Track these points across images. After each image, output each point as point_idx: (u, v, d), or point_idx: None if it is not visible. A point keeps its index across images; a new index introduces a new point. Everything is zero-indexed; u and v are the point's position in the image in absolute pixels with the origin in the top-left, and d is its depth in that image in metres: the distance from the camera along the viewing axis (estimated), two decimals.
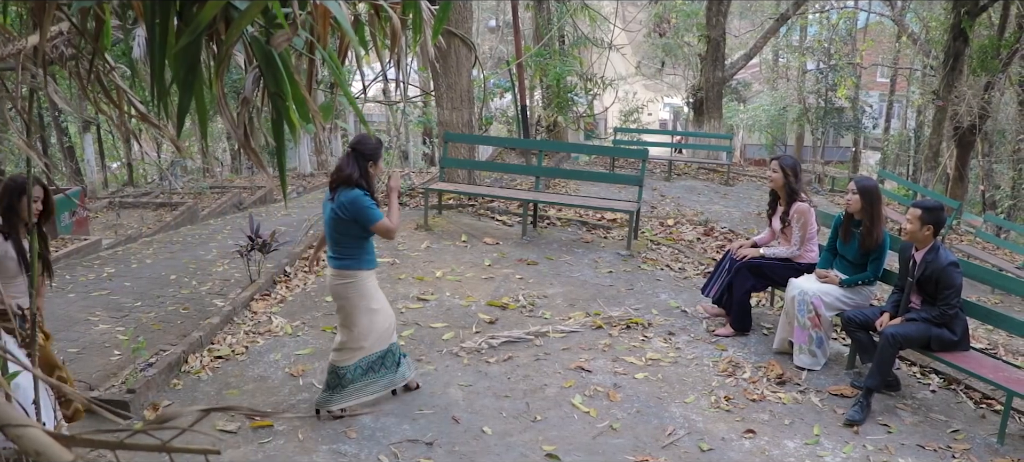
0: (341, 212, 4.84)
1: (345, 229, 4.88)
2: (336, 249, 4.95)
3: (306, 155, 23.44)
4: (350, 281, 4.93)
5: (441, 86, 10.92)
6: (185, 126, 15.02)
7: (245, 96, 2.56)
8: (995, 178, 20.33)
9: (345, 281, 4.94)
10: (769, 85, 31.67)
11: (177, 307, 7.28)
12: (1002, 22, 15.38)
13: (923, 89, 22.51)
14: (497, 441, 4.85)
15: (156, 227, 13.45)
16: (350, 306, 4.97)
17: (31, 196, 3.27)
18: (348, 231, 4.88)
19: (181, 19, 2.41)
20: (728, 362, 6.01)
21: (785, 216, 6.36)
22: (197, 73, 2.45)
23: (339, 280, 4.95)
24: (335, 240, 4.95)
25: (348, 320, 5.00)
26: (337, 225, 4.89)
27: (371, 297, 5.02)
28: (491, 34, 26.70)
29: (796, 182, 6.31)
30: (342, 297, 4.98)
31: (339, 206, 4.85)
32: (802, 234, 6.28)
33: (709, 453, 4.76)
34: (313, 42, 2.65)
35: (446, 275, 7.88)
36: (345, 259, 4.93)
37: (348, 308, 4.98)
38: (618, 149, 15.31)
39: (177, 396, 5.47)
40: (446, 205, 10.43)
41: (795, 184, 6.30)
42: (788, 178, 6.31)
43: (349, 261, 4.93)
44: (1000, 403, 5.27)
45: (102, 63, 3.52)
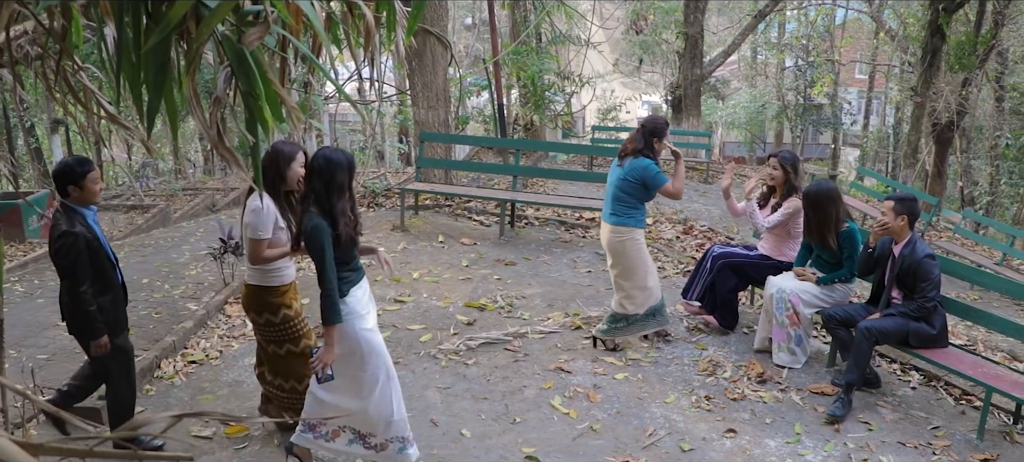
0: (630, 176, 5.78)
1: (631, 189, 5.79)
2: (615, 207, 5.87)
3: None
4: (626, 237, 5.84)
5: (417, 85, 10.84)
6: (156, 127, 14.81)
7: (217, 95, 2.49)
8: (973, 174, 20.56)
9: (621, 237, 5.85)
10: (748, 82, 31.87)
11: (149, 311, 7.15)
12: (978, 19, 15.55)
13: (901, 85, 22.71)
14: (476, 444, 4.80)
15: (127, 230, 13.23)
16: (628, 259, 5.89)
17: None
18: (632, 193, 5.79)
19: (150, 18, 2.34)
20: (709, 361, 5.99)
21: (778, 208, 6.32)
22: (167, 72, 2.38)
23: (616, 236, 5.87)
24: (617, 199, 5.85)
25: (627, 272, 5.93)
26: (623, 186, 5.81)
27: (645, 251, 5.96)
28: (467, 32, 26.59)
29: (796, 178, 6.30)
30: (619, 252, 5.90)
31: (629, 171, 5.79)
32: (788, 228, 6.26)
33: (690, 453, 4.74)
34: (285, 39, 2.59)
35: (423, 276, 7.82)
36: (622, 217, 5.84)
37: (626, 261, 5.90)
38: (596, 147, 15.35)
39: (150, 402, 5.36)
40: (423, 205, 10.35)
41: (795, 180, 6.29)
42: (788, 174, 6.28)
43: (626, 218, 5.84)
44: (980, 399, 5.29)
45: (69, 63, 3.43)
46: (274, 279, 4.41)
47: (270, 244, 4.28)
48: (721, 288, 6.41)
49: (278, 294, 4.44)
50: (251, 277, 4.41)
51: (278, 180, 4.34)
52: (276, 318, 4.45)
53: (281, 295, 4.46)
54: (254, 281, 4.40)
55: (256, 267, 4.35)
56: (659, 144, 5.89)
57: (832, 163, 27.94)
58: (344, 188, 4.02)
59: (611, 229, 5.91)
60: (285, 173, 4.35)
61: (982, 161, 20.55)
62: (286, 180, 4.37)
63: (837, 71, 26.84)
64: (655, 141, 5.86)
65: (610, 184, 5.99)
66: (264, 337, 4.56)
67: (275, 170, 4.32)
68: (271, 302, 4.42)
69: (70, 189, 4.27)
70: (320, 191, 3.97)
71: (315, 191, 3.97)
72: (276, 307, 4.43)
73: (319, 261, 3.91)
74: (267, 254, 4.28)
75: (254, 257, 4.28)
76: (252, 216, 4.22)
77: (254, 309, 4.47)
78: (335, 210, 3.97)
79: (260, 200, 4.19)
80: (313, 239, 3.91)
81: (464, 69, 18.08)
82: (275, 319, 4.45)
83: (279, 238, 4.33)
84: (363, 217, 9.90)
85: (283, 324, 4.47)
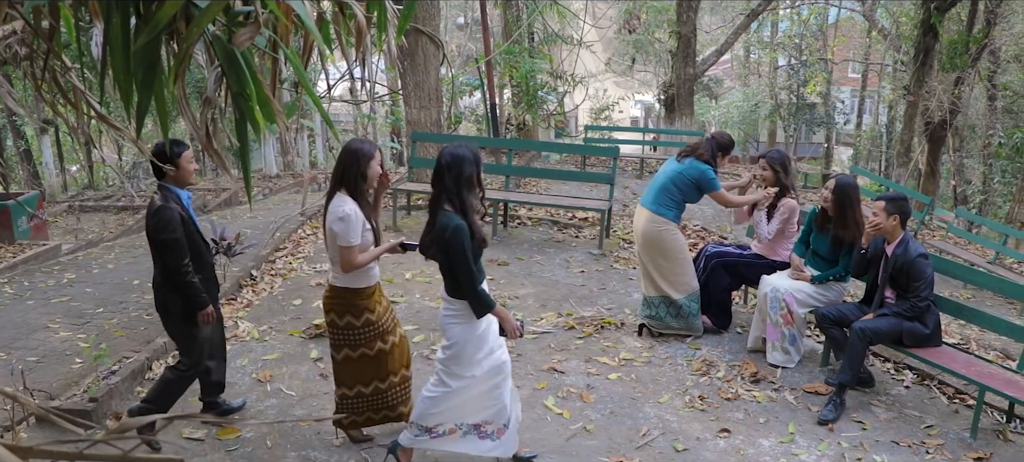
0: (688, 174, 6.14)
1: (683, 185, 6.15)
2: (660, 197, 6.17)
3: (272, 156, 23.15)
4: (663, 228, 6.13)
5: (408, 84, 10.81)
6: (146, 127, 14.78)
7: (207, 96, 2.47)
8: (966, 173, 20.64)
9: (659, 227, 6.14)
10: (741, 81, 31.90)
11: (141, 313, 7.11)
12: (970, 18, 15.58)
13: (894, 85, 22.78)
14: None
15: (118, 231, 13.19)
16: (666, 245, 6.17)
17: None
18: (683, 189, 6.15)
19: (140, 17, 2.32)
20: (702, 361, 5.99)
21: (772, 209, 6.33)
22: (157, 72, 2.36)
23: (653, 225, 6.15)
24: (665, 191, 6.17)
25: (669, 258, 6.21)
26: (677, 181, 6.16)
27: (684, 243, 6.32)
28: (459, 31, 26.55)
29: (786, 177, 6.30)
30: (655, 240, 6.18)
31: (688, 169, 6.15)
32: (782, 227, 6.27)
33: (684, 453, 4.73)
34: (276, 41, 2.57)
35: (416, 277, 7.79)
36: (664, 208, 6.15)
37: (665, 249, 6.18)
38: (589, 147, 15.30)
39: None
40: (415, 205, 10.32)
41: (785, 179, 6.29)
42: (778, 173, 6.28)
43: (666, 211, 6.14)
44: (973, 398, 5.30)
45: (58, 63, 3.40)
46: (362, 281, 4.36)
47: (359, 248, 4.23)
48: (715, 287, 6.41)
49: (365, 296, 4.39)
50: (337, 279, 4.35)
51: (360, 180, 4.27)
52: (358, 321, 4.40)
53: (368, 297, 4.41)
54: (341, 283, 4.34)
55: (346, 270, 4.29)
56: (722, 158, 6.28)
57: (825, 162, 28.02)
58: (473, 182, 4.03)
59: (650, 217, 6.17)
60: (367, 172, 4.28)
61: (975, 160, 20.62)
62: (368, 179, 4.31)
63: (830, 70, 26.87)
64: (720, 155, 6.26)
65: (662, 175, 6.28)
66: (339, 340, 4.48)
67: (357, 170, 4.24)
68: (357, 304, 4.38)
69: (167, 169, 4.42)
70: (451, 188, 3.98)
71: (447, 189, 3.98)
72: (361, 310, 4.38)
73: (461, 263, 3.91)
74: (360, 259, 4.23)
75: (348, 264, 4.20)
76: (341, 224, 4.14)
77: (336, 311, 4.41)
78: (467, 206, 3.98)
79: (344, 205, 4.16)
80: (455, 241, 3.90)
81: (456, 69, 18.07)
82: (357, 322, 4.40)
83: (367, 240, 4.29)
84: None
85: (363, 328, 4.42)
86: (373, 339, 4.46)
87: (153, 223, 4.37)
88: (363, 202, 4.29)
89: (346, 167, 4.23)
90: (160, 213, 4.33)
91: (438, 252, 4.05)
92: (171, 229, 4.32)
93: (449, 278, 4.06)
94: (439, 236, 3.97)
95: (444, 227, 3.93)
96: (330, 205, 4.25)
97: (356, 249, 4.19)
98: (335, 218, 4.16)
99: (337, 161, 4.29)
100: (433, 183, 4.08)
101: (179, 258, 4.36)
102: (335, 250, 4.24)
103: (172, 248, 4.35)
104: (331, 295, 4.42)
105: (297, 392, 5.46)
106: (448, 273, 4.04)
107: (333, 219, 4.18)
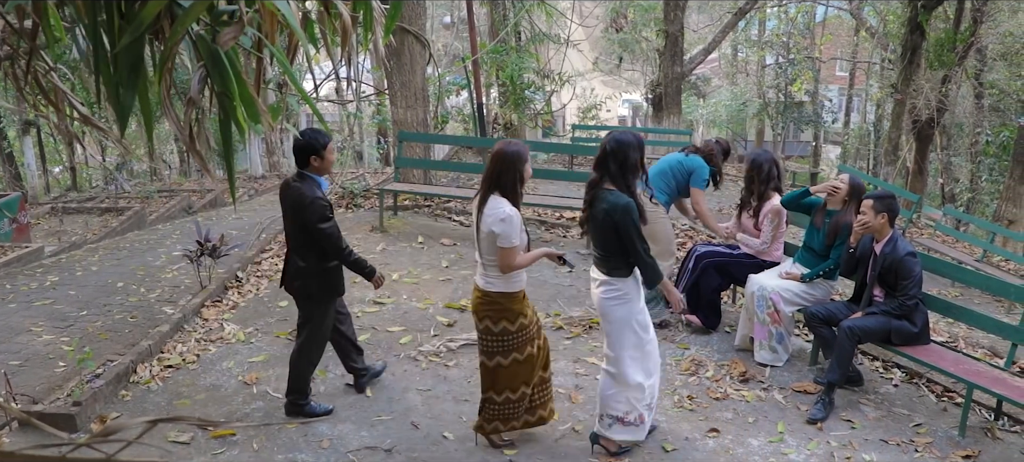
0: (686, 164, 6.49)
1: (679, 174, 6.49)
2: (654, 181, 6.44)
3: (257, 157, 23.04)
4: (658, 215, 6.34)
5: (395, 84, 10.76)
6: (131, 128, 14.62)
7: (191, 96, 2.44)
8: (954, 171, 20.74)
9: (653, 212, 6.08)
10: (729, 80, 31.94)
11: (125, 315, 7.05)
12: (957, 16, 15.63)
13: (882, 83, 22.86)
14: (458, 446, 4.76)
15: (101, 233, 13.08)
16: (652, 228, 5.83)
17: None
18: (677, 177, 6.48)
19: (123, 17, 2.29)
20: (691, 361, 5.98)
21: (757, 212, 6.33)
22: (141, 72, 2.33)
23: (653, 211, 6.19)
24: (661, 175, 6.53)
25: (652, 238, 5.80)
26: (675, 169, 6.53)
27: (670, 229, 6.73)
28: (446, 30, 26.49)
29: (759, 181, 6.27)
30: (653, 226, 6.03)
31: (688, 160, 6.50)
32: (773, 233, 6.25)
33: (673, 453, 4.72)
34: (261, 40, 2.54)
35: (403, 278, 7.76)
36: (659, 193, 6.45)
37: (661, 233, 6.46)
38: (576, 146, 15.28)
39: (126, 408, 5.26)
40: (402, 206, 10.28)
41: (761, 183, 6.25)
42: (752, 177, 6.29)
43: (659, 194, 6.42)
44: (961, 396, 5.32)
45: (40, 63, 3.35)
46: (516, 285, 4.31)
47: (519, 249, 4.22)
48: (705, 288, 6.41)
49: (518, 301, 4.33)
50: (492, 284, 4.27)
51: (518, 182, 4.23)
52: (513, 326, 4.32)
53: (521, 301, 4.35)
54: (496, 288, 4.27)
55: (499, 274, 4.23)
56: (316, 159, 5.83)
57: (813, 161, 28.09)
58: (637, 167, 4.26)
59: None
60: (524, 173, 4.25)
61: (962, 158, 20.71)
62: (524, 181, 4.28)
63: (818, 68, 26.93)
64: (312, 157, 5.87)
65: (662, 162, 6.66)
66: (493, 346, 4.40)
67: (514, 173, 4.20)
68: (511, 309, 4.31)
69: (312, 159, 4.72)
70: (615, 172, 4.22)
71: (610, 172, 4.23)
72: (515, 315, 4.32)
73: (631, 237, 4.16)
74: (520, 261, 4.19)
75: (508, 265, 4.15)
76: (503, 225, 4.08)
77: (491, 317, 4.32)
78: (633, 188, 4.23)
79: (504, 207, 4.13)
80: (627, 216, 4.14)
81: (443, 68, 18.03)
82: (512, 327, 4.32)
83: (524, 241, 4.26)
84: (341, 218, 9.85)
85: (518, 332, 4.35)
86: (525, 343, 4.39)
87: (309, 215, 4.65)
88: (518, 205, 4.25)
89: (502, 171, 4.18)
90: (315, 205, 4.63)
91: (598, 231, 4.27)
92: (326, 218, 4.66)
93: (612, 257, 4.28)
94: (606, 215, 4.18)
95: (614, 206, 4.15)
96: (486, 208, 4.18)
97: (516, 250, 4.15)
98: (496, 219, 4.09)
99: (491, 164, 4.23)
100: (595, 167, 4.32)
101: (338, 242, 4.72)
102: (491, 253, 4.19)
103: (330, 236, 4.68)
104: (485, 301, 4.33)
105: (283, 394, 5.41)
106: (612, 252, 4.26)
107: (493, 221, 4.11)
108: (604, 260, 4.34)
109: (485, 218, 4.16)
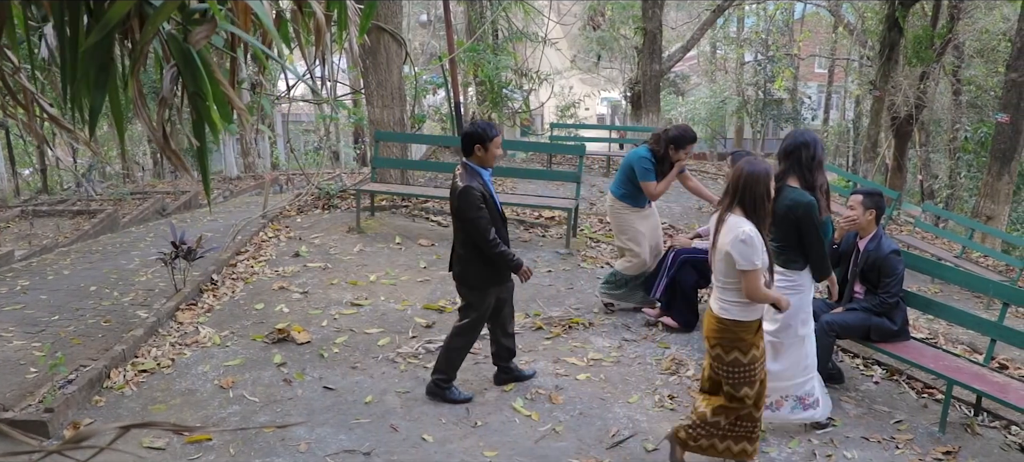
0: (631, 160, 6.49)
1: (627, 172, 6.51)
2: (618, 178, 6.65)
3: (232, 157, 22.84)
4: (618, 209, 6.62)
5: (371, 84, 10.68)
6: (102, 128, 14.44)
7: (163, 96, 2.39)
8: (933, 168, 20.88)
9: (615, 208, 6.66)
10: (707, 78, 31.99)
11: (98, 320, 6.94)
12: (935, 12, 15.77)
13: (860, 80, 23.03)
14: (437, 449, 4.72)
15: (73, 236, 12.87)
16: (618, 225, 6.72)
17: None
18: (627, 175, 6.51)
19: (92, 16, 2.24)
20: (671, 360, 5.98)
21: None
22: (110, 72, 2.28)
23: (612, 205, 6.70)
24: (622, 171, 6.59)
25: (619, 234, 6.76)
26: (624, 167, 6.57)
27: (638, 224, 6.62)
28: (422, 29, 26.35)
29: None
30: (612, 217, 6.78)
31: (632, 156, 6.51)
32: None
33: (654, 453, 4.71)
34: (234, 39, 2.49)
35: (380, 279, 7.70)
36: (619, 193, 6.60)
37: (618, 227, 6.73)
38: (555, 145, 15.23)
39: (99, 414, 5.18)
40: (379, 207, 10.21)
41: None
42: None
43: (623, 195, 6.59)
44: (941, 392, 5.34)
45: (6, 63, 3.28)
46: (753, 314, 4.04)
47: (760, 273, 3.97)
48: (683, 284, 6.41)
49: (753, 331, 4.07)
50: (727, 310, 4.01)
51: (764, 200, 3.96)
52: (746, 358, 4.05)
53: (756, 332, 4.09)
54: (731, 315, 4.00)
55: (736, 299, 3.98)
56: (674, 151, 6.42)
57: None
58: (821, 163, 4.49)
59: (611, 199, 6.75)
60: (771, 192, 4.00)
61: (941, 154, 20.86)
62: (771, 199, 4.00)
63: (796, 66, 27.07)
64: (672, 147, 6.41)
65: (626, 156, 6.77)
66: (723, 375, 4.15)
67: (761, 191, 3.93)
68: (746, 340, 4.04)
69: (476, 148, 4.92)
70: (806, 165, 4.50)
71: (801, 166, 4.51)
72: (748, 346, 4.05)
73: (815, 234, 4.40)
74: (765, 293, 3.94)
75: (754, 290, 3.89)
76: (743, 246, 3.84)
77: (723, 346, 4.06)
78: (815, 184, 4.47)
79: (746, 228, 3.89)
80: (809, 214, 4.39)
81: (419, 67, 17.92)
82: (744, 359, 4.05)
83: (765, 263, 3.97)
84: (318, 219, 9.77)
85: (750, 365, 4.07)
86: (754, 381, 4.12)
87: (460, 203, 4.83)
88: (763, 226, 3.96)
89: (748, 186, 3.93)
90: (466, 194, 4.79)
91: (779, 225, 4.43)
92: (476, 208, 4.79)
93: (789, 250, 4.49)
94: (788, 211, 4.38)
95: (796, 203, 4.36)
96: (726, 225, 3.96)
97: (759, 273, 3.87)
98: (736, 239, 3.84)
99: (734, 178, 4.00)
100: (782, 158, 4.55)
101: (485, 233, 4.83)
102: (728, 275, 3.96)
103: (478, 225, 4.81)
104: (719, 328, 4.06)
105: (260, 398, 5.35)
106: (790, 245, 4.49)
107: (733, 240, 3.86)
108: (781, 252, 4.52)
109: (723, 237, 3.94)
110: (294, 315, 6.80)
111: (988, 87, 18.52)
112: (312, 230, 9.38)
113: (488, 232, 4.84)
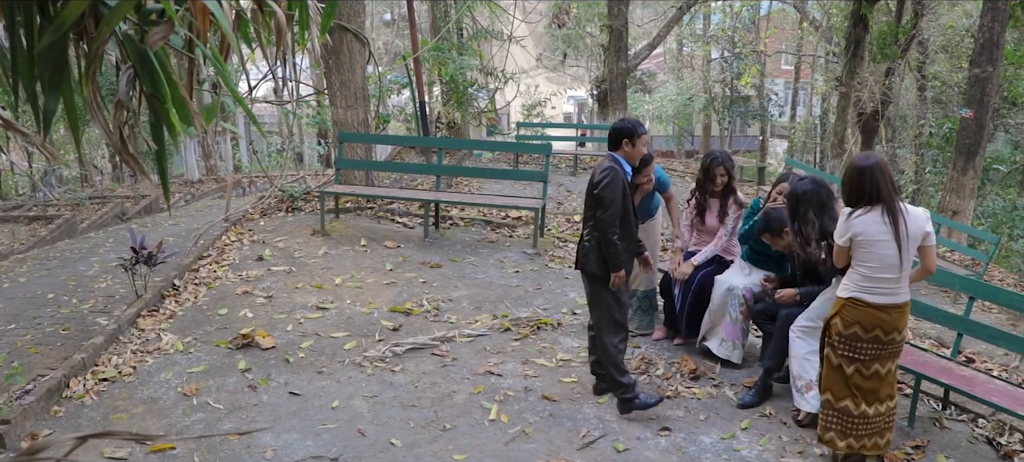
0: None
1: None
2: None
3: (193, 160, 22.52)
4: None
5: (334, 84, 10.57)
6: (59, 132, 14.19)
7: (119, 98, 2.32)
8: (899, 163, 21.09)
9: None
10: (674, 75, 32.00)
11: (56, 328, 6.78)
12: (899, 9, 15.94)
13: (826, 76, 23.23)
14: (405, 453, 4.67)
15: (30, 242, 12.60)
16: None
17: None
18: None
19: (45, 17, 2.18)
20: (641, 359, 5.98)
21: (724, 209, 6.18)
22: (65, 74, 2.21)
23: None
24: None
25: None
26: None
27: None
28: (386, 28, 26.18)
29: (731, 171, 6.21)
30: None
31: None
32: (734, 226, 6.15)
33: (625, 453, 4.70)
34: (192, 40, 2.43)
35: (346, 282, 7.61)
36: None
37: None
38: (521, 145, 15.24)
39: (58, 424, 5.04)
40: (343, 208, 10.10)
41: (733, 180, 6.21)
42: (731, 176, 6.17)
43: None
44: (909, 387, 5.38)
45: None
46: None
47: None
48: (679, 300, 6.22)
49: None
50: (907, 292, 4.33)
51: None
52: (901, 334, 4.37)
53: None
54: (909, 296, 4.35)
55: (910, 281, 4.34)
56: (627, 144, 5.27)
57: (761, 155, 28.39)
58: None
59: None
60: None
61: (907, 150, 21.07)
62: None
63: (763, 62, 27.22)
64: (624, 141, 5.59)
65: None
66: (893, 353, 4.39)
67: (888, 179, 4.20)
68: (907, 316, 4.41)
69: (624, 142, 5.01)
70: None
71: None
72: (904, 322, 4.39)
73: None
74: None
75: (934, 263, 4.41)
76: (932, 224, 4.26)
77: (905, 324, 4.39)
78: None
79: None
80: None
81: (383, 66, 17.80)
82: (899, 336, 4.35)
83: None
84: (281, 222, 9.65)
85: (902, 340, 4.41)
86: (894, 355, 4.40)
87: (600, 177, 4.85)
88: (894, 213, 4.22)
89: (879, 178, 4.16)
90: (606, 173, 4.85)
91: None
92: (613, 187, 4.81)
93: None
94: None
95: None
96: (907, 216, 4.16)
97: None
98: (926, 220, 4.20)
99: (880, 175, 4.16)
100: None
101: (612, 216, 4.81)
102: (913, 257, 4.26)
103: (607, 204, 4.81)
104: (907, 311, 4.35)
105: (225, 405, 5.25)
106: None
107: (925, 221, 4.20)
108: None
109: (913, 223, 4.17)
110: (258, 320, 6.69)
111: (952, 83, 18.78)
112: (276, 233, 9.25)
113: (615, 217, 4.84)
